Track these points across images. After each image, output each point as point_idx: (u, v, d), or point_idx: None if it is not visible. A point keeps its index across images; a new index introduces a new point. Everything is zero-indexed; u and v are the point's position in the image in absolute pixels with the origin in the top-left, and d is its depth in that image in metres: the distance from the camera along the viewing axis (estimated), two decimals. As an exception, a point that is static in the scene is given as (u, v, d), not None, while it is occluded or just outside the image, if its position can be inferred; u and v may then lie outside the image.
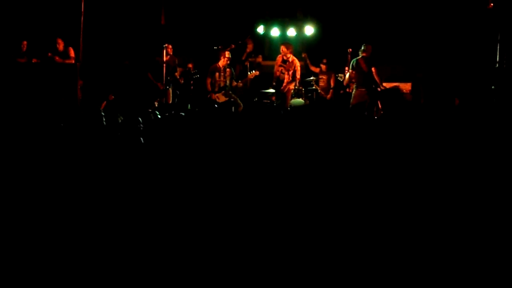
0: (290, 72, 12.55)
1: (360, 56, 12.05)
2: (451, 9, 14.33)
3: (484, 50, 13.63)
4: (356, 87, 12.20)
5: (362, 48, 12.05)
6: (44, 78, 11.13)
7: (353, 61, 12.19)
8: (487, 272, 3.21)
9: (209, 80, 12.93)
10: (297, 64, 12.60)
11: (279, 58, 12.76)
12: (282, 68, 12.61)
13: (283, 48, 12.69)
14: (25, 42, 12.28)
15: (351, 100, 12.25)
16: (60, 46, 12.26)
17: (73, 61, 12.05)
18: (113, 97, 12.14)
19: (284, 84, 12.58)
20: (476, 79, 14.23)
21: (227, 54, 12.86)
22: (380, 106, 12.66)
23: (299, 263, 3.26)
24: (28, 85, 11.05)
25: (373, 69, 11.86)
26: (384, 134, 5.43)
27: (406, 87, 14.01)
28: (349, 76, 12.47)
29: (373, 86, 12.02)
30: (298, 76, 12.57)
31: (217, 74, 12.96)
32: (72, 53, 12.26)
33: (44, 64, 11.49)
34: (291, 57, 12.60)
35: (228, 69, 13.02)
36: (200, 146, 4.62)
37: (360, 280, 3.19)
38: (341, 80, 13.69)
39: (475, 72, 14.45)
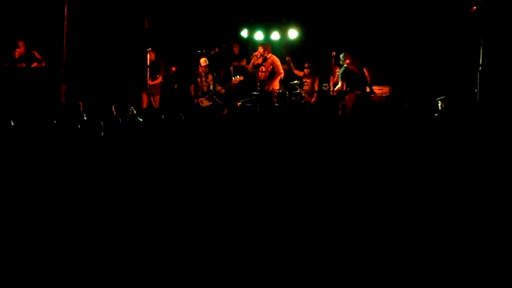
0: (270, 69, 12.66)
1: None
2: (434, 12, 14.40)
3: (467, 53, 13.71)
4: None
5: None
6: (27, 82, 11.03)
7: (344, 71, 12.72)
8: (487, 272, 3.22)
9: (192, 86, 13.21)
10: (275, 59, 12.74)
11: (254, 60, 12.88)
12: (262, 67, 12.74)
13: (260, 49, 12.88)
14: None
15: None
16: (21, 49, 11.76)
17: (43, 64, 11.71)
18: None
19: (267, 83, 12.74)
20: (459, 82, 14.31)
21: (203, 61, 13.21)
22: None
23: (299, 263, 3.26)
24: (12, 90, 10.95)
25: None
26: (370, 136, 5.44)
27: (384, 90, 14.05)
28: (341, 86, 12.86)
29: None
30: (281, 70, 12.70)
31: (198, 79, 13.23)
32: (38, 56, 11.80)
33: (29, 69, 11.33)
34: (269, 55, 12.77)
35: (210, 74, 13.27)
36: (189, 148, 4.60)
37: (360, 280, 3.19)
38: (326, 89, 13.75)
39: (458, 75, 14.53)
